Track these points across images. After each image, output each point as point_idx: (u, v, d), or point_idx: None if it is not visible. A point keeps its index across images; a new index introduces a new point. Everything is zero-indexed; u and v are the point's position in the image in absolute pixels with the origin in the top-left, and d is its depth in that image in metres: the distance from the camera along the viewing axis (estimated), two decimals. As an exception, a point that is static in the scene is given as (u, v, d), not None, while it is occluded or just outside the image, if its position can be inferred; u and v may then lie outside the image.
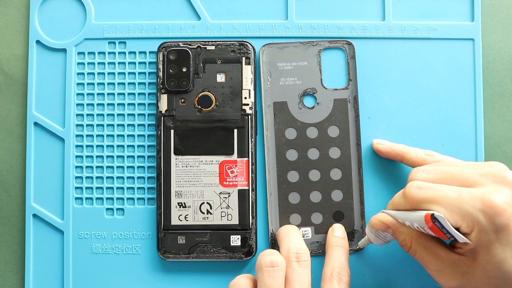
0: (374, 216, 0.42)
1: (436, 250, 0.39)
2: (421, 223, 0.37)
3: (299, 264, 0.42)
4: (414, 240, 0.39)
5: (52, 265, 0.49)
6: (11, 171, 0.50)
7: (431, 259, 0.39)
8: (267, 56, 0.49)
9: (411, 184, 0.39)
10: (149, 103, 0.49)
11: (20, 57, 0.50)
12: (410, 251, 0.40)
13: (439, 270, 0.38)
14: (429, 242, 0.39)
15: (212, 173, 0.48)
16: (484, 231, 0.35)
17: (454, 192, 0.36)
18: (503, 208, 0.35)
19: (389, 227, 0.41)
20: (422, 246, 0.39)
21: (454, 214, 0.36)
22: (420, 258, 0.40)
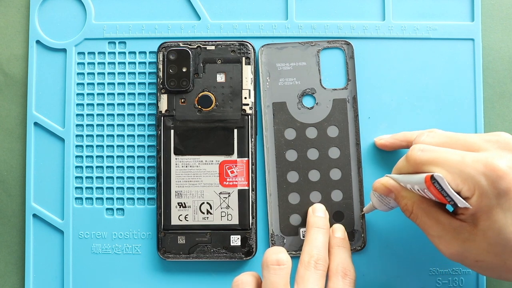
0: (378, 180, 0.42)
1: (438, 215, 0.38)
2: (422, 185, 0.36)
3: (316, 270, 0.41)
4: (416, 205, 0.39)
5: (52, 265, 0.49)
6: (11, 171, 0.50)
7: (432, 224, 0.38)
8: (266, 57, 0.49)
9: (414, 147, 0.38)
10: (149, 103, 0.49)
11: (20, 57, 0.50)
12: (411, 217, 0.40)
13: (439, 236, 0.38)
14: (430, 207, 0.39)
15: (212, 173, 0.48)
16: (485, 195, 0.35)
17: (457, 155, 0.36)
18: (506, 172, 0.35)
19: (391, 191, 0.40)
20: (424, 211, 0.39)
21: (455, 176, 0.35)
22: (421, 224, 0.39)
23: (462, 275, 0.48)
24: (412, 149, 0.38)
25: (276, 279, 0.40)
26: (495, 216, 0.35)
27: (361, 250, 0.48)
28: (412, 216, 0.40)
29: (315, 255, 0.42)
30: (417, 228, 0.48)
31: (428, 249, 0.48)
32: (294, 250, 0.48)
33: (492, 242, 0.36)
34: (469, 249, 0.37)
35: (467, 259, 0.38)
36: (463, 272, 0.48)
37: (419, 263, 0.48)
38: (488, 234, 0.36)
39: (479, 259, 0.37)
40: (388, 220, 0.48)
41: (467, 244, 0.37)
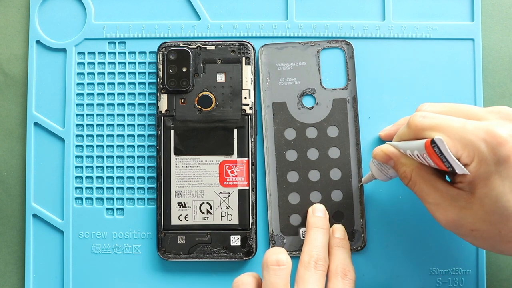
0: (377, 147, 0.42)
1: (436, 183, 0.38)
2: (421, 150, 0.36)
3: (315, 271, 0.42)
4: (415, 172, 0.39)
5: (52, 265, 0.49)
6: (11, 171, 0.50)
7: (430, 192, 0.38)
8: (265, 57, 0.49)
9: (416, 113, 0.38)
10: (149, 103, 0.49)
11: (20, 57, 0.50)
12: (409, 184, 0.40)
13: (437, 203, 0.38)
14: (429, 175, 0.39)
15: (212, 173, 0.48)
16: (484, 161, 0.35)
17: (459, 122, 0.36)
18: (506, 139, 0.35)
19: (390, 158, 0.40)
20: (422, 179, 0.39)
21: (456, 142, 0.35)
22: (418, 191, 0.39)
23: (462, 275, 0.48)
24: (413, 115, 0.38)
25: (276, 279, 0.40)
26: (493, 183, 0.35)
27: (361, 250, 0.48)
28: (410, 184, 0.40)
29: (315, 255, 0.42)
30: (417, 228, 0.48)
31: (428, 249, 0.48)
32: (294, 250, 0.48)
33: (488, 210, 0.36)
34: (465, 217, 0.37)
35: (463, 228, 0.38)
36: (463, 272, 0.48)
37: (419, 263, 0.48)
38: (485, 202, 0.36)
39: (475, 228, 0.37)
40: (388, 220, 0.48)
41: (463, 212, 0.37)
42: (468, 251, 0.48)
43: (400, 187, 0.48)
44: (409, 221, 0.48)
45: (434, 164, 0.37)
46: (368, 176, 0.45)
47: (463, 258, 0.48)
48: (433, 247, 0.48)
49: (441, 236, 0.48)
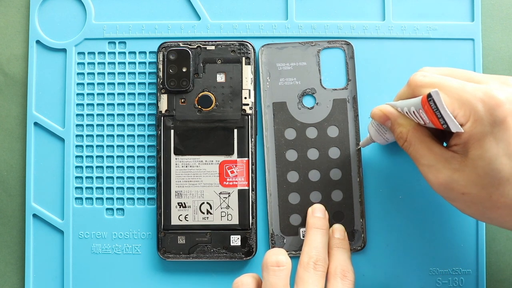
0: (376, 107, 0.42)
1: (431, 145, 0.38)
2: (417, 106, 0.36)
3: (315, 271, 0.42)
4: (411, 133, 0.39)
5: (52, 265, 0.49)
6: (11, 171, 0.50)
7: (425, 153, 0.38)
8: (266, 57, 0.49)
9: (417, 73, 0.39)
10: (149, 103, 0.49)
11: (20, 57, 0.50)
12: (404, 145, 0.40)
13: (430, 165, 0.38)
14: (424, 136, 0.39)
15: (212, 173, 0.48)
16: (480, 121, 0.35)
17: (458, 82, 0.36)
18: (504, 101, 0.35)
19: (388, 119, 0.41)
20: (417, 140, 0.39)
21: (453, 101, 0.36)
22: (413, 152, 0.39)
23: (462, 275, 0.48)
24: (414, 74, 0.39)
25: (275, 280, 0.40)
26: (487, 144, 0.35)
27: (361, 250, 0.48)
28: (406, 145, 0.40)
29: (314, 256, 0.42)
30: (417, 229, 0.48)
31: (428, 249, 0.48)
32: (294, 250, 0.48)
33: (481, 173, 0.36)
34: (457, 179, 0.37)
35: (454, 191, 0.37)
36: (463, 272, 0.48)
37: (419, 263, 0.48)
38: (478, 164, 0.36)
39: (466, 192, 0.37)
40: (388, 220, 0.48)
41: (456, 175, 0.37)
42: (468, 251, 0.48)
43: (400, 187, 0.48)
44: (409, 221, 0.48)
45: (430, 122, 0.37)
46: (366, 140, 0.45)
47: (463, 258, 0.48)
48: (433, 247, 0.48)
49: (441, 236, 0.48)
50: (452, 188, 0.37)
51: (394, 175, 0.48)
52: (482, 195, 0.36)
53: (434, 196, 0.48)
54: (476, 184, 0.36)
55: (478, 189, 0.36)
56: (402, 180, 0.48)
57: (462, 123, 0.36)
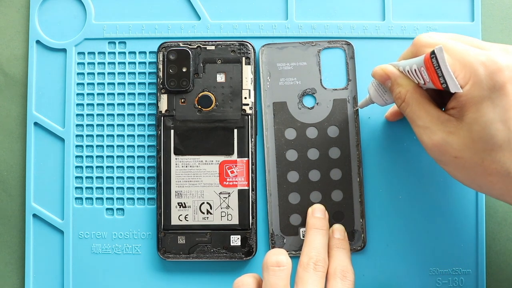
0: (378, 66, 0.42)
1: (428, 107, 0.39)
2: (420, 63, 0.37)
3: (315, 272, 0.42)
4: (409, 94, 0.39)
5: (52, 265, 0.49)
6: (11, 171, 0.50)
7: (421, 114, 0.39)
8: (266, 57, 0.49)
9: (422, 34, 0.39)
10: (149, 103, 0.49)
11: (20, 57, 0.50)
12: (402, 105, 0.40)
13: (425, 126, 0.38)
14: (422, 98, 0.39)
15: (212, 173, 0.48)
16: (479, 84, 0.35)
17: (462, 45, 0.37)
18: (504, 67, 0.35)
19: (388, 78, 0.41)
20: (415, 101, 0.39)
21: (456, 62, 0.36)
22: (410, 113, 0.39)
23: (462, 275, 0.48)
24: (419, 35, 0.39)
25: (276, 280, 0.40)
26: (484, 109, 0.35)
27: (361, 250, 0.48)
28: (403, 105, 0.40)
29: (314, 256, 0.42)
30: (417, 228, 0.48)
31: (428, 249, 0.48)
32: (294, 250, 0.48)
33: (475, 137, 0.36)
34: (451, 142, 0.37)
35: (447, 154, 0.38)
36: (463, 272, 0.48)
37: (419, 263, 0.48)
38: (473, 128, 0.36)
39: (458, 155, 0.37)
40: (388, 220, 0.48)
41: (450, 137, 0.37)
42: (468, 251, 0.48)
43: (400, 187, 0.48)
44: (409, 221, 0.48)
45: (430, 81, 0.37)
46: (365, 100, 0.45)
47: (463, 258, 0.48)
48: (433, 247, 0.48)
49: (441, 236, 0.48)
50: (445, 150, 0.38)
51: (394, 175, 0.48)
52: (474, 160, 0.37)
53: (434, 196, 0.48)
54: (469, 148, 0.36)
55: (470, 153, 0.37)
56: (402, 180, 0.48)
57: (461, 85, 0.36)
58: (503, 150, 0.36)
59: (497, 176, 0.36)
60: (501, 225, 0.49)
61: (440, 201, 0.48)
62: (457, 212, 0.48)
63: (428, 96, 0.39)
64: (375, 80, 0.42)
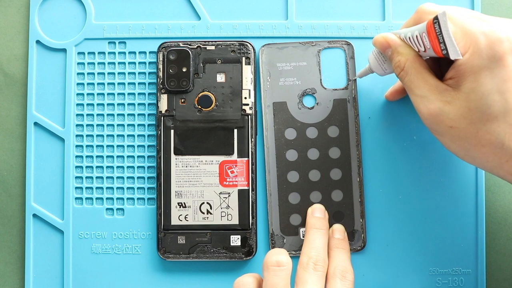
0: (379, 34, 0.42)
1: (426, 76, 0.39)
2: (421, 29, 0.37)
3: (315, 272, 0.42)
4: (408, 62, 0.39)
5: (52, 265, 0.49)
6: (11, 171, 0.50)
7: (419, 83, 0.39)
8: (266, 57, 0.49)
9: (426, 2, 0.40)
10: (149, 103, 0.49)
11: (20, 57, 0.50)
12: (401, 74, 0.40)
13: (423, 96, 0.38)
14: (421, 67, 0.39)
15: (212, 173, 0.48)
16: (479, 53, 0.36)
17: (466, 15, 0.37)
18: (505, 38, 0.35)
19: (389, 47, 0.41)
20: (414, 70, 0.39)
21: (457, 30, 0.36)
22: (408, 82, 0.39)
23: (462, 275, 0.48)
24: (423, 3, 0.39)
25: (276, 280, 0.40)
26: (482, 79, 0.36)
27: (361, 250, 0.48)
28: (402, 74, 0.40)
29: (314, 256, 0.42)
30: (417, 229, 0.48)
31: (428, 249, 0.48)
32: (294, 250, 0.48)
33: (471, 107, 0.36)
34: (447, 112, 0.37)
35: (442, 124, 0.38)
36: (463, 272, 0.48)
37: (419, 263, 0.48)
38: (470, 98, 0.36)
39: (454, 125, 0.37)
40: (388, 220, 0.48)
41: (447, 107, 0.37)
42: (468, 251, 0.48)
43: (400, 187, 0.48)
44: (409, 221, 0.48)
45: (430, 48, 0.37)
46: (365, 70, 0.45)
47: (463, 258, 0.48)
48: (433, 247, 0.48)
49: (441, 236, 0.48)
50: (441, 120, 0.38)
51: (394, 175, 0.48)
52: (469, 130, 0.37)
53: (434, 196, 0.48)
54: (465, 118, 0.37)
55: (466, 123, 0.37)
56: (402, 180, 0.48)
57: (461, 53, 0.36)
58: (498, 121, 0.36)
59: (490, 147, 0.37)
60: (501, 225, 0.49)
61: (440, 201, 0.48)
62: (457, 212, 0.48)
63: (427, 66, 0.39)
64: (376, 49, 0.43)
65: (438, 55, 0.37)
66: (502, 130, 0.36)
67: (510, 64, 0.35)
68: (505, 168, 0.37)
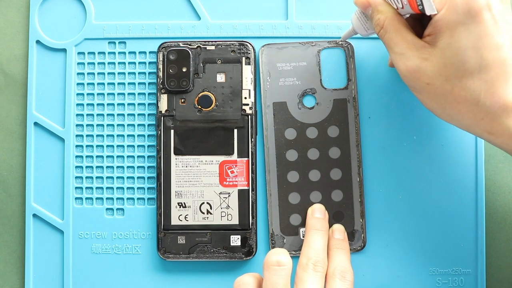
0: None
1: (405, 34, 0.39)
2: None
3: (314, 273, 0.42)
4: (388, 20, 0.40)
5: (52, 265, 0.49)
6: (11, 171, 0.50)
7: (398, 41, 0.39)
8: (266, 57, 0.49)
9: None
10: (149, 103, 0.49)
11: (20, 57, 0.50)
12: (381, 32, 0.40)
13: (401, 53, 0.39)
14: (400, 25, 0.39)
15: (212, 173, 0.48)
16: (454, 8, 0.36)
17: None
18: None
19: (369, 5, 0.41)
20: (393, 28, 0.39)
21: None
22: (387, 39, 0.40)
23: (462, 275, 0.48)
24: None
25: (276, 279, 0.40)
26: (457, 34, 0.36)
27: (361, 250, 0.48)
28: (382, 32, 0.40)
29: (313, 257, 0.43)
30: (417, 228, 0.48)
31: (428, 249, 0.48)
32: (294, 250, 0.48)
33: (447, 63, 0.37)
34: (424, 68, 0.38)
35: (419, 80, 0.38)
36: (463, 272, 0.48)
37: (419, 263, 0.48)
38: (446, 53, 0.37)
39: (430, 82, 0.38)
40: (388, 220, 0.48)
41: (424, 64, 0.38)
42: (468, 251, 0.48)
43: (400, 187, 0.48)
44: (409, 221, 0.48)
45: (407, 3, 0.37)
46: (348, 31, 0.45)
47: (463, 258, 0.48)
48: (433, 247, 0.48)
49: (441, 236, 0.48)
50: (418, 77, 0.38)
51: (394, 175, 0.48)
52: (445, 87, 0.37)
53: (434, 196, 0.48)
54: (441, 75, 0.37)
55: (442, 80, 0.37)
56: (402, 180, 0.48)
57: (438, 9, 0.36)
58: (473, 78, 0.36)
59: (465, 104, 0.37)
60: (501, 225, 0.49)
61: (440, 201, 0.48)
62: (457, 212, 0.48)
63: (406, 24, 0.40)
64: (358, 9, 0.43)
65: (415, 11, 0.37)
66: (477, 87, 0.36)
67: (486, 20, 0.35)
68: (481, 125, 0.38)
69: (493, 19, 0.36)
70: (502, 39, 0.36)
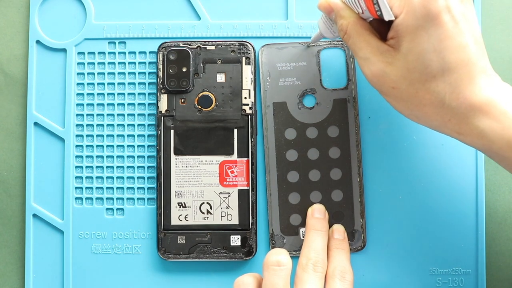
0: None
1: (369, 38, 0.39)
2: None
3: (314, 273, 0.42)
4: (351, 26, 0.40)
5: (52, 265, 0.49)
6: (11, 171, 0.50)
7: (362, 46, 0.39)
8: (266, 57, 0.49)
9: None
10: (149, 103, 0.49)
11: (20, 57, 0.50)
12: (345, 37, 0.40)
13: (366, 57, 0.39)
14: (363, 30, 0.39)
15: (212, 173, 0.48)
16: (413, 12, 0.36)
17: None
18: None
19: (332, 10, 0.41)
20: (357, 33, 0.39)
21: None
22: (352, 44, 0.40)
23: (462, 275, 0.48)
24: None
25: (276, 279, 0.40)
26: (418, 38, 0.36)
27: (361, 250, 0.48)
28: (346, 37, 0.40)
29: (313, 258, 0.43)
30: (417, 229, 0.48)
31: (428, 249, 0.48)
32: (294, 250, 0.48)
33: (410, 67, 0.37)
34: (389, 73, 0.38)
35: (385, 85, 0.38)
36: (463, 272, 0.48)
37: (419, 263, 0.48)
38: (408, 58, 0.37)
39: (395, 86, 0.38)
40: (388, 220, 0.48)
41: (388, 68, 0.38)
42: (468, 251, 0.48)
43: (400, 187, 0.48)
44: (409, 221, 0.48)
45: (366, 9, 0.37)
46: (316, 35, 0.45)
47: (463, 258, 0.48)
48: (433, 247, 0.48)
49: (441, 236, 0.48)
50: (383, 81, 0.38)
51: (394, 175, 0.48)
52: (410, 90, 0.37)
53: (434, 196, 0.48)
54: (405, 79, 0.37)
55: (406, 84, 0.37)
56: (402, 180, 0.48)
57: (396, 14, 0.36)
58: (437, 81, 0.36)
59: (431, 106, 0.37)
60: (501, 225, 0.49)
61: (440, 201, 0.48)
62: (457, 212, 0.48)
63: (371, 28, 0.40)
64: (324, 14, 0.43)
65: (374, 17, 0.37)
66: (442, 89, 0.36)
67: (446, 22, 0.35)
68: (449, 126, 0.38)
69: (453, 20, 0.36)
70: (464, 39, 0.36)
